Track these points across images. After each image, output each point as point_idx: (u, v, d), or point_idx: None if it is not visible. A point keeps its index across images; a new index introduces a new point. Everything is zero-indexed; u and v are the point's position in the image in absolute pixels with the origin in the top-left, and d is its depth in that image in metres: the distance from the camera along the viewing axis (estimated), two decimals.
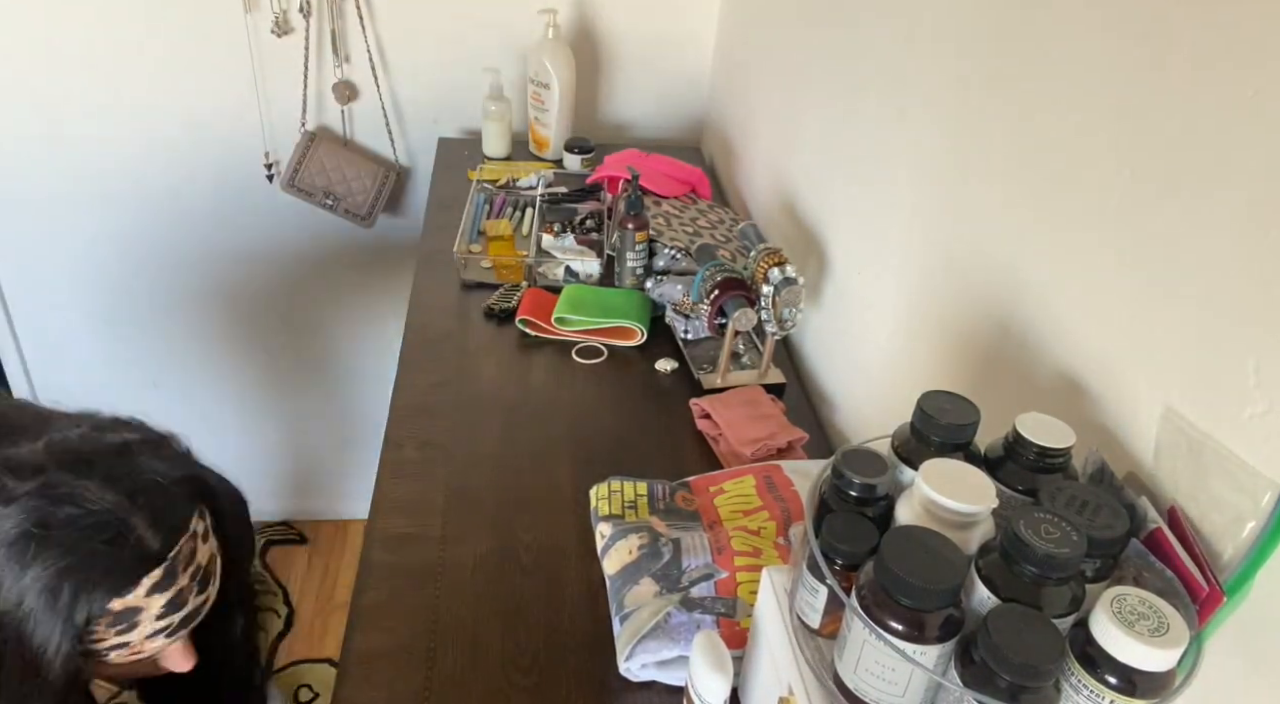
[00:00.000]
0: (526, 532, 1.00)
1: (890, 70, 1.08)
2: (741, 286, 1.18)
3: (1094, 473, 0.64)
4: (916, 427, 0.66)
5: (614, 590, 0.88)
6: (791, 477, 1.00)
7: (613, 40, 1.92)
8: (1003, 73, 0.83)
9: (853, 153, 1.20)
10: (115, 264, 2.00)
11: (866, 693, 0.58)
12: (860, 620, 0.55)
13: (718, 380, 1.24)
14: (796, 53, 1.45)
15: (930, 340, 0.98)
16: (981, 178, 0.87)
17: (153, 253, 2.00)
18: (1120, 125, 0.67)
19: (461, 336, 1.33)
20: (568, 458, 1.11)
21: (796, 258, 1.36)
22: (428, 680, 0.83)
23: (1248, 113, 0.55)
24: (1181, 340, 0.61)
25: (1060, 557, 0.52)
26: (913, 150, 1.02)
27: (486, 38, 1.86)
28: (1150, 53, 0.64)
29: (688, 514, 0.96)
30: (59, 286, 2.00)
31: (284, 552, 2.33)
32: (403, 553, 0.96)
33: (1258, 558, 0.53)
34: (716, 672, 0.68)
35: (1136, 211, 0.65)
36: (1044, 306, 0.77)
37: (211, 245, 2.01)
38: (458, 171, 1.77)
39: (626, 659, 0.82)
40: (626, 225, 1.38)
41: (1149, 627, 0.49)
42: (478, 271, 1.45)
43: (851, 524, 0.61)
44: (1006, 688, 0.50)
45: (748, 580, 0.86)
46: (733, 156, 1.85)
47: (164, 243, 1.99)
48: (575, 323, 1.32)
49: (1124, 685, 0.50)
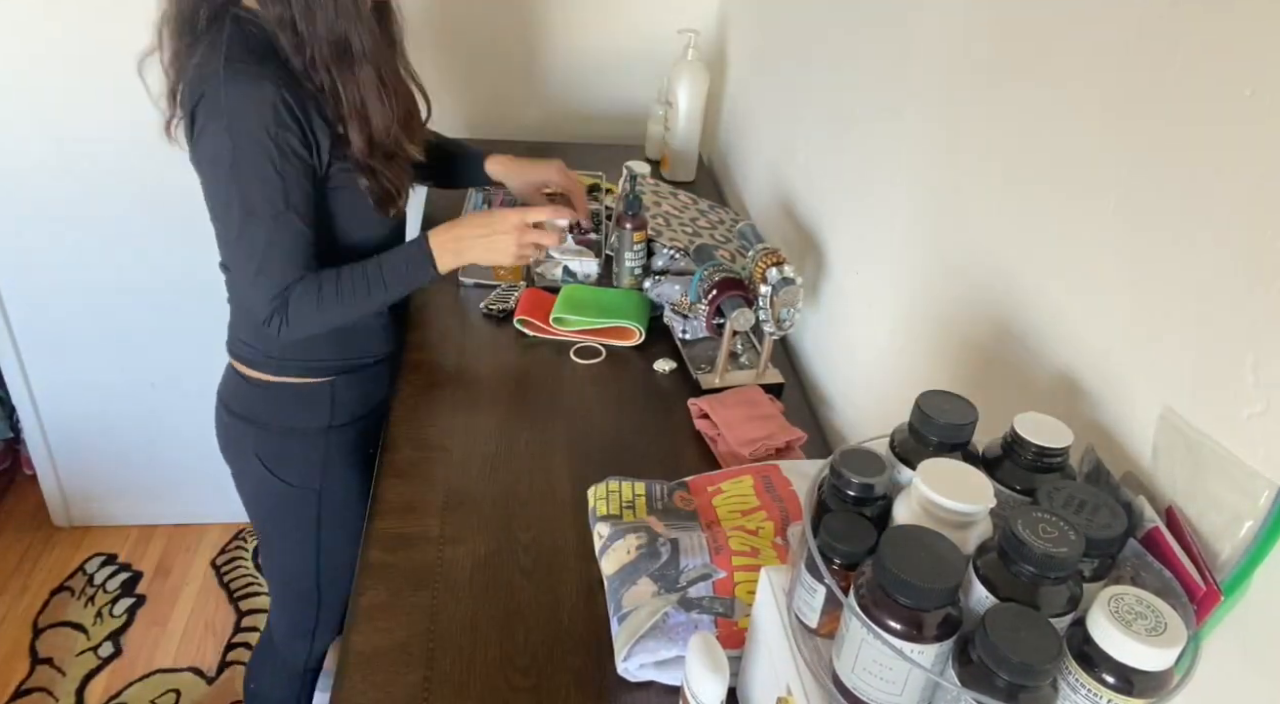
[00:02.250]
0: (525, 532, 1.00)
1: (888, 71, 1.08)
2: (740, 287, 1.18)
3: (1090, 472, 0.65)
4: (915, 426, 0.66)
5: (612, 590, 0.87)
6: (790, 477, 1.00)
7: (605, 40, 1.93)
8: (1001, 72, 0.83)
9: (851, 153, 1.20)
10: (115, 264, 2.00)
11: (865, 692, 0.58)
12: (858, 620, 0.55)
13: (716, 380, 1.24)
14: (796, 53, 1.45)
15: (928, 340, 0.98)
16: (979, 177, 0.87)
17: (152, 252, 1.99)
18: (1119, 125, 0.67)
19: (459, 337, 1.33)
20: (566, 458, 1.11)
21: (795, 258, 1.36)
22: (426, 680, 0.83)
23: (1246, 112, 0.55)
24: (1180, 340, 0.61)
25: (1058, 556, 0.52)
26: (911, 151, 1.02)
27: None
28: (1149, 52, 0.64)
29: (686, 514, 0.96)
30: (58, 286, 2.00)
31: None
32: (401, 553, 0.96)
33: (1255, 557, 0.53)
34: (712, 674, 0.68)
35: (1135, 211, 0.65)
36: (1042, 307, 0.77)
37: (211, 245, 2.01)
38: None
39: (624, 659, 0.82)
40: (625, 225, 1.38)
41: (1146, 626, 0.49)
42: (476, 271, 1.45)
43: (850, 524, 0.61)
44: (1004, 687, 0.50)
45: (745, 580, 0.86)
46: (732, 157, 1.85)
47: (163, 243, 1.99)
48: (573, 323, 1.32)
49: (1121, 685, 0.50)
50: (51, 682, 1.92)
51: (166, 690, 1.92)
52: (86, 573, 2.18)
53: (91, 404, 2.13)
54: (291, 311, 1.11)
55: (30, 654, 1.97)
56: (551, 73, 1.95)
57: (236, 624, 2.09)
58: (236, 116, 1.02)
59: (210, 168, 1.07)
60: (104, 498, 2.28)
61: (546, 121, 2.01)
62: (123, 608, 2.10)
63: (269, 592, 1.44)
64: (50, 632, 2.03)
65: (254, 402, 1.25)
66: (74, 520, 2.31)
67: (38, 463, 2.21)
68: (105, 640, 2.01)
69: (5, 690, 1.89)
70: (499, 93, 1.96)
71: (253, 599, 2.15)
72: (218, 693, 1.93)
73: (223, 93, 1.01)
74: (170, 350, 2.09)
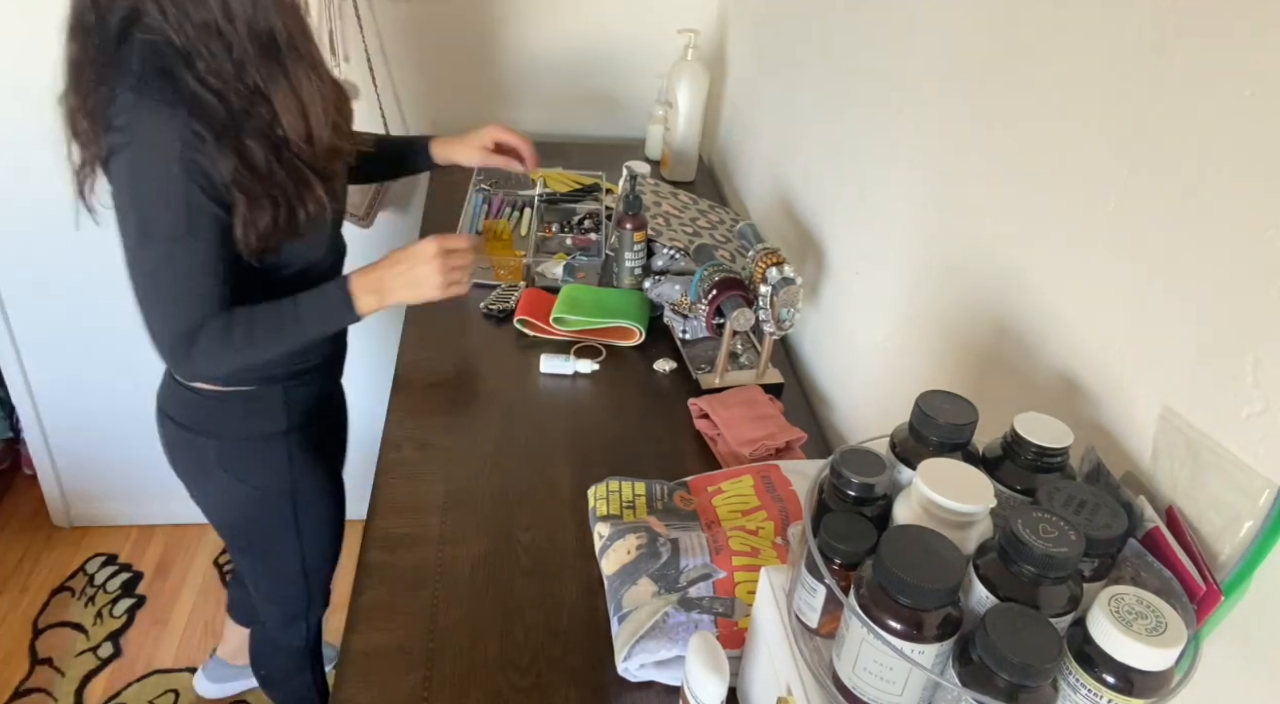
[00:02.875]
0: (525, 532, 1.00)
1: (888, 70, 1.08)
2: (739, 287, 1.18)
3: (1090, 472, 0.65)
4: (915, 426, 0.66)
5: (612, 590, 0.87)
6: (790, 476, 1.00)
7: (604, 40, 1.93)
8: (1000, 72, 0.83)
9: (851, 153, 1.20)
10: (115, 264, 1.99)
11: (865, 692, 0.58)
12: (858, 620, 0.55)
13: (716, 380, 1.24)
14: (796, 53, 1.45)
15: (928, 340, 0.98)
16: (979, 177, 0.87)
17: None
18: (1118, 125, 0.67)
19: (459, 337, 1.33)
20: (566, 458, 1.11)
21: (794, 258, 1.36)
22: (426, 680, 0.83)
23: (1245, 112, 0.55)
24: (1179, 340, 0.61)
25: (1058, 556, 0.52)
26: (910, 150, 1.02)
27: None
28: (1149, 52, 0.64)
29: (686, 514, 0.96)
30: (58, 286, 2.00)
31: None
32: (401, 553, 0.96)
33: (1255, 557, 0.53)
34: (712, 674, 0.68)
35: (1134, 211, 0.65)
36: (1042, 307, 0.77)
37: None
38: (456, 171, 1.77)
39: (624, 659, 0.82)
40: (625, 225, 1.38)
41: (1147, 626, 0.49)
42: (476, 272, 1.45)
43: (850, 524, 0.61)
44: (1004, 687, 0.50)
45: (745, 580, 0.86)
46: (732, 156, 1.85)
47: None
48: (573, 323, 1.32)
49: (1122, 684, 0.50)
50: (51, 682, 1.92)
51: (166, 691, 1.92)
52: (87, 573, 2.18)
53: (91, 404, 2.13)
54: (199, 351, 1.05)
55: (30, 654, 1.97)
56: (551, 73, 1.95)
57: None
58: (142, 141, 0.97)
59: (115, 192, 1.01)
60: (104, 498, 2.28)
61: (547, 121, 2.01)
62: (123, 608, 2.10)
63: (251, 589, 1.43)
64: (50, 632, 2.03)
65: (207, 413, 1.20)
66: (74, 520, 2.31)
67: (38, 463, 2.21)
68: (105, 641, 2.01)
69: (5, 691, 1.89)
70: (499, 92, 1.96)
71: None
72: None
73: (130, 118, 0.96)
74: None
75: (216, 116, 0.98)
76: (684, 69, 1.75)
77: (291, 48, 1.02)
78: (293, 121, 1.03)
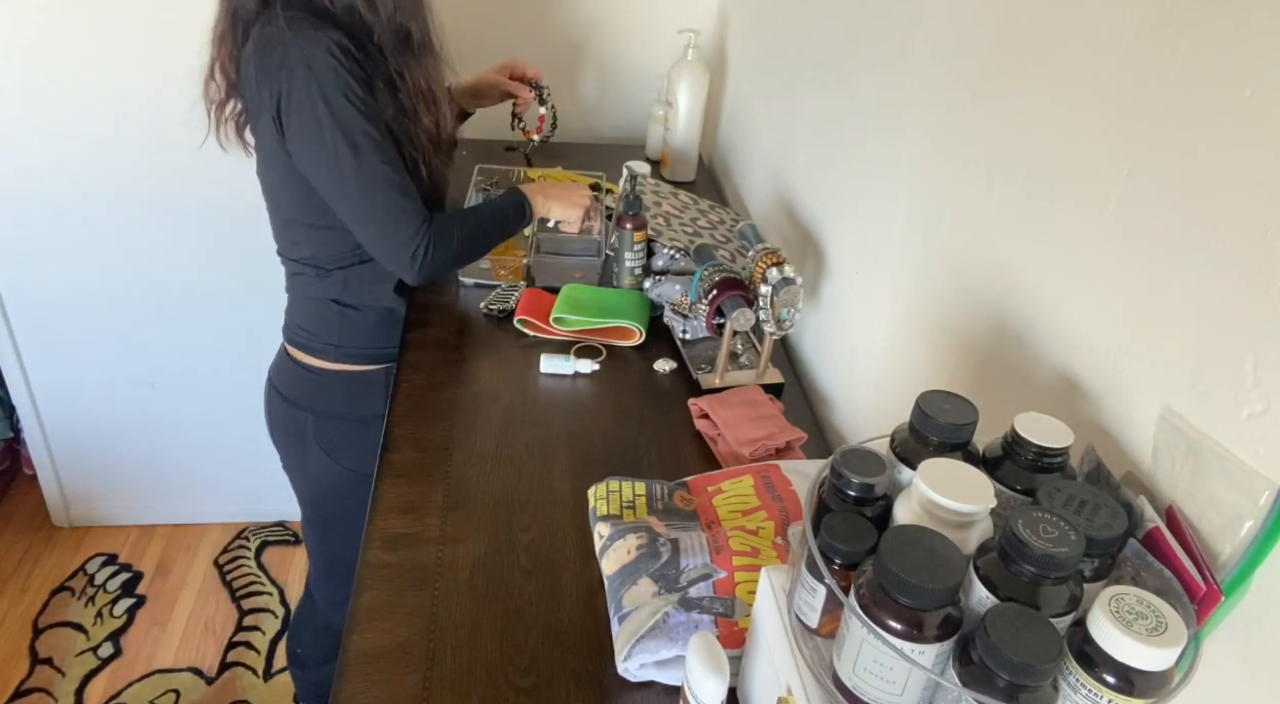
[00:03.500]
0: (525, 532, 1.00)
1: (888, 70, 1.08)
2: (740, 287, 1.18)
3: (1090, 472, 0.65)
4: (915, 426, 0.66)
5: (612, 590, 0.87)
6: (790, 477, 1.00)
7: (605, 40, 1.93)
8: (1000, 72, 0.83)
9: (851, 153, 1.20)
10: (115, 264, 2.00)
11: (865, 692, 0.58)
12: (859, 620, 0.55)
13: (716, 380, 1.24)
14: (795, 53, 1.45)
15: (928, 340, 0.98)
16: (979, 177, 0.87)
17: (152, 253, 1.99)
18: (1118, 125, 0.67)
19: (459, 337, 1.33)
20: (566, 458, 1.11)
21: (795, 258, 1.36)
22: (426, 680, 0.83)
23: (1245, 112, 0.55)
24: (1179, 340, 0.61)
25: (1058, 556, 0.52)
26: (910, 150, 1.02)
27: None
28: (1148, 52, 0.64)
29: (686, 514, 0.96)
30: (58, 286, 2.00)
31: (280, 552, 2.33)
32: (401, 553, 0.96)
33: (1255, 557, 0.53)
34: (713, 674, 0.68)
35: (1134, 210, 0.65)
36: (1042, 306, 0.77)
37: (211, 245, 2.01)
38: (456, 172, 1.77)
39: (625, 659, 0.82)
40: (625, 225, 1.38)
41: (1147, 626, 0.49)
42: (476, 271, 1.45)
43: (850, 524, 0.61)
44: (1005, 687, 0.50)
45: (746, 580, 0.86)
46: (732, 156, 1.85)
47: (164, 243, 1.99)
48: (573, 323, 1.32)
49: (1122, 685, 0.50)
50: (51, 682, 1.92)
51: (166, 691, 1.92)
52: (87, 573, 2.18)
53: (91, 404, 2.13)
54: (432, 243, 1.16)
55: (30, 654, 1.97)
56: (551, 73, 1.94)
57: (238, 623, 2.09)
58: (314, 60, 1.06)
59: (311, 123, 1.09)
60: (104, 498, 2.28)
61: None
62: (123, 608, 2.10)
63: (311, 563, 1.52)
64: (50, 632, 2.03)
65: (311, 389, 1.29)
66: (74, 520, 2.31)
67: (38, 463, 2.21)
68: (105, 641, 2.02)
69: (5, 691, 1.89)
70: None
71: (255, 598, 2.16)
72: (217, 693, 1.94)
73: (292, 46, 1.06)
74: (170, 351, 2.10)
75: (365, 49, 1.11)
76: (684, 69, 1.75)
77: (425, 50, 1.14)
78: (424, 108, 1.15)
